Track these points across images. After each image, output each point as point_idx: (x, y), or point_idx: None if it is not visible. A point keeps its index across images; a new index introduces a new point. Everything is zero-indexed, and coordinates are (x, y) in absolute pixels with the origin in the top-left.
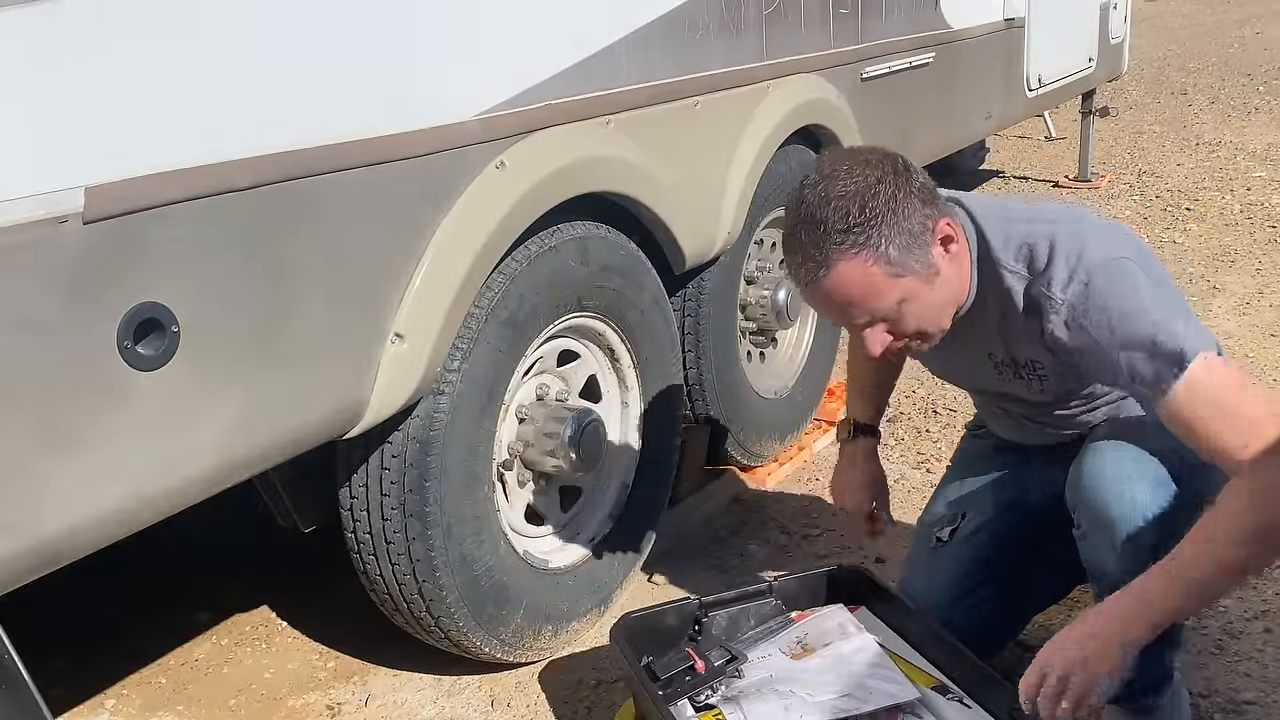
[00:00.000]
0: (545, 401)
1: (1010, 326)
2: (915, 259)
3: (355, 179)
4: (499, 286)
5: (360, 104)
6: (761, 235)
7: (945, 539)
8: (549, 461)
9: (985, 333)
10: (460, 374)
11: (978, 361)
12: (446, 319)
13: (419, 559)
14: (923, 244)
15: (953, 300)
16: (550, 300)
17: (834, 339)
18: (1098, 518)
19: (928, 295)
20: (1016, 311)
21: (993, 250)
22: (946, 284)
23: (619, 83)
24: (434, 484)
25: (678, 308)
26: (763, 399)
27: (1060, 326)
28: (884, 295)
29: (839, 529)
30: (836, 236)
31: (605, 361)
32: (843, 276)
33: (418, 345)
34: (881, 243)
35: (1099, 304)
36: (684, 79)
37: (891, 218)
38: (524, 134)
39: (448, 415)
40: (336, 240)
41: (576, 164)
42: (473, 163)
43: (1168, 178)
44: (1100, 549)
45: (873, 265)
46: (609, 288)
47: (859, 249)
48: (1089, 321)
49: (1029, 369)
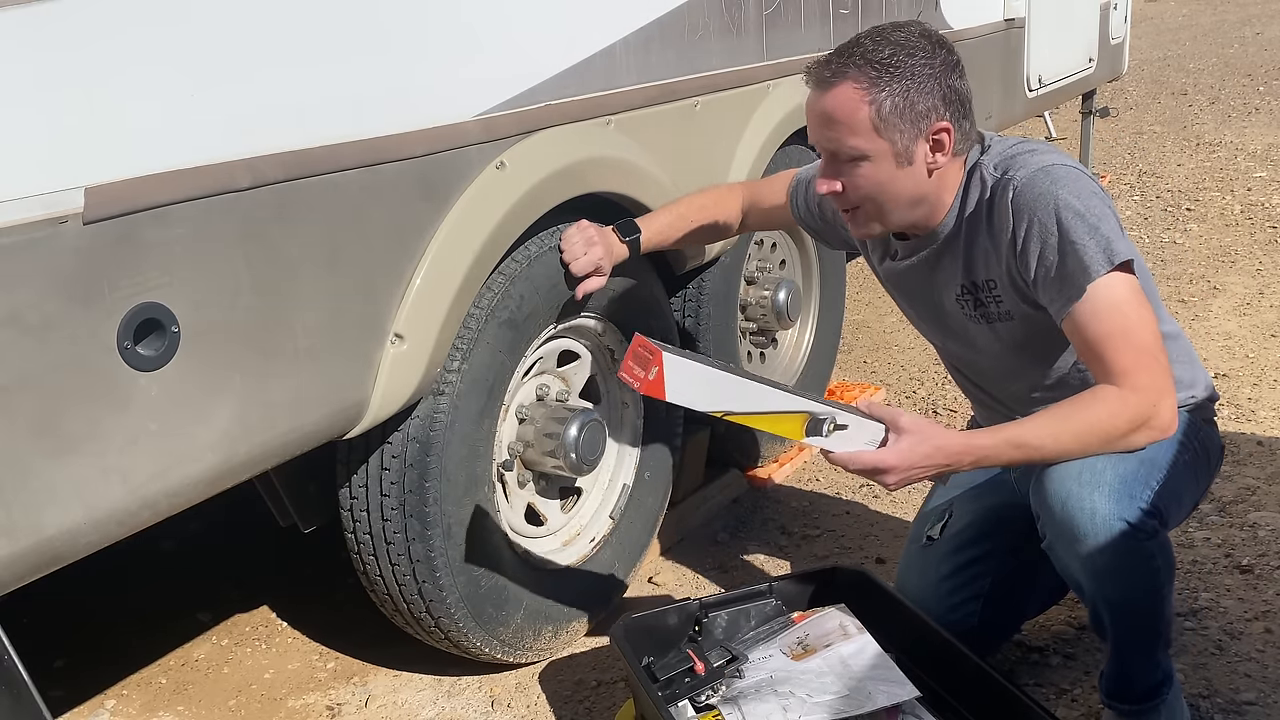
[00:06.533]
0: (545, 402)
1: (976, 247)
2: (900, 132)
3: (355, 179)
4: (499, 287)
5: (360, 104)
6: (762, 236)
7: (935, 536)
8: (549, 462)
9: (954, 263)
10: (460, 375)
11: (945, 296)
12: (446, 320)
13: (419, 559)
14: (915, 128)
15: (909, 200)
16: (550, 301)
17: (835, 339)
18: (1060, 530)
19: (889, 172)
20: (980, 220)
21: (983, 163)
22: (911, 180)
23: (619, 83)
24: (434, 484)
25: (678, 308)
26: None
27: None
28: (856, 135)
29: (839, 529)
30: (858, 62)
31: (605, 361)
32: (838, 97)
33: (418, 346)
34: (883, 95)
35: (1050, 189)
36: (684, 79)
37: (906, 84)
38: (524, 134)
39: (448, 416)
40: (336, 241)
41: (576, 164)
42: (473, 163)
43: (1168, 178)
44: (1066, 561)
45: (865, 105)
46: (608, 288)
47: (864, 86)
48: (1037, 197)
49: (986, 290)
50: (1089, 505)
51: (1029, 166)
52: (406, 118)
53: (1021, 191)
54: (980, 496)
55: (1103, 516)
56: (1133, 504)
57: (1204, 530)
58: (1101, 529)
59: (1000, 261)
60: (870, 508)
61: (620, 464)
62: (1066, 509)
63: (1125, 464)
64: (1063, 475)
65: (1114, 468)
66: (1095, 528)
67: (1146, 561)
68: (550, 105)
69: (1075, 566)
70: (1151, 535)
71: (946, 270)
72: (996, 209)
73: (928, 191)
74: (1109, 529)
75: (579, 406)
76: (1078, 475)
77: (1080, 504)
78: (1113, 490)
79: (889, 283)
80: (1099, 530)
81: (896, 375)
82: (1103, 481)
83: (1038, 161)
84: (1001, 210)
